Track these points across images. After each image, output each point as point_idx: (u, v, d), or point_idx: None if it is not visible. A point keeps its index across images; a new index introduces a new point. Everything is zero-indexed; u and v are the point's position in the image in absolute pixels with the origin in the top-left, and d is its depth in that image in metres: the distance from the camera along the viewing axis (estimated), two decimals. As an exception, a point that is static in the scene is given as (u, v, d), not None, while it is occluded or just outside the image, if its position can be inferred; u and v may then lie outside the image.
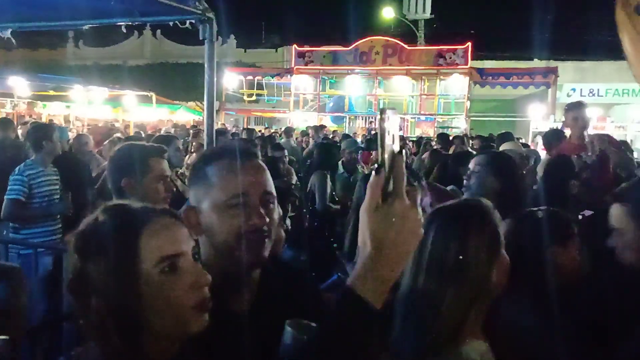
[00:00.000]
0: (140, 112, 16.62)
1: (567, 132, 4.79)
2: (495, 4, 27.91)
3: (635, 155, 9.88)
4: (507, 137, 6.25)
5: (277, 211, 1.28)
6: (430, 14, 25.20)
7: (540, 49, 21.31)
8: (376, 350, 0.91)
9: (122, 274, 0.95)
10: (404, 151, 0.90)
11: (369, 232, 0.87)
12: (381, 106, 16.29)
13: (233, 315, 1.19)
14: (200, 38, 3.83)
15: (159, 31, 27.97)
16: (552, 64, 19.99)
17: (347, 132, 13.86)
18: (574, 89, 20.24)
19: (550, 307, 1.56)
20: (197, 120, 18.73)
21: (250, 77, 21.09)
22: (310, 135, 10.94)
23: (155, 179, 2.37)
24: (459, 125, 17.89)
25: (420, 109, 20.11)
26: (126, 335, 0.96)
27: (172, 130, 11.89)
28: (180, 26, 3.98)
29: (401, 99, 20.61)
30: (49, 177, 4.17)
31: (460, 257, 1.30)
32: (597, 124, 14.88)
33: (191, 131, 8.77)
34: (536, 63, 21.30)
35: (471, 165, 2.63)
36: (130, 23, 3.94)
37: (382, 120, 0.86)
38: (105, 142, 5.92)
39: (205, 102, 3.85)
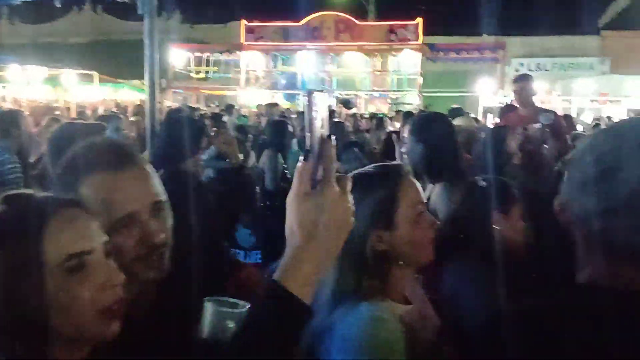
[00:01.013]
0: (82, 91, 15.85)
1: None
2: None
3: (579, 127, 10.24)
4: (457, 112, 6.24)
5: (170, 214, 1.15)
6: (381, -12, 25.00)
7: (488, 25, 21.68)
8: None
9: (24, 272, 0.85)
10: (333, 137, 0.84)
11: (297, 221, 0.82)
12: (333, 88, 16.17)
13: (130, 326, 1.06)
14: (139, 12, 3.66)
15: (99, 7, 26.65)
16: (501, 39, 20.35)
17: (301, 110, 13.63)
18: (521, 64, 20.64)
19: (492, 275, 1.58)
20: (143, 99, 17.97)
21: (198, 54, 20.51)
22: (262, 113, 10.69)
23: None
24: (412, 101, 18.00)
25: (373, 85, 20.07)
26: (30, 341, 0.87)
27: (116, 109, 11.37)
28: (118, 0, 3.82)
29: (354, 76, 20.50)
30: (15, 164, 3.91)
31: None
32: (544, 97, 15.27)
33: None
34: (485, 38, 21.60)
35: (404, 133, 2.65)
36: (63, -5, 3.79)
37: (309, 103, 0.80)
38: (42, 123, 5.53)
39: (146, 80, 3.70)
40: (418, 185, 1.41)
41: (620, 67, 19.23)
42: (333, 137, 0.85)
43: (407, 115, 8.01)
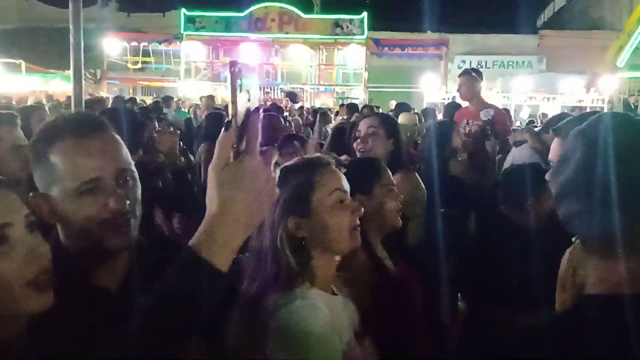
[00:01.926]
0: (7, 81, 14.77)
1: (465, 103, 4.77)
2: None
3: (517, 123, 10.49)
4: (403, 107, 6.37)
5: (138, 185, 1.17)
6: (326, -19, 24.86)
7: (432, 22, 22.06)
8: (217, 314, 0.88)
9: None
10: (261, 110, 0.87)
11: (216, 190, 0.83)
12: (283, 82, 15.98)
13: (101, 294, 1.13)
14: None
15: (28, -8, 25.04)
16: (444, 36, 20.72)
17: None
18: (464, 61, 21.01)
19: None
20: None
21: (135, 44, 19.74)
22: (201, 106, 10.24)
23: (5, 149, 2.25)
24: (358, 95, 18.05)
25: (319, 79, 19.93)
26: None
27: (46, 101, 10.56)
28: None
29: (300, 69, 20.27)
30: None
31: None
32: (485, 93, 15.57)
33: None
34: (429, 35, 21.92)
35: (363, 128, 2.69)
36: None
37: (232, 73, 0.82)
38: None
39: (71, 69, 3.54)
40: (340, 173, 1.43)
41: (556, 65, 19.98)
42: (261, 110, 0.86)
43: (351, 107, 7.97)
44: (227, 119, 0.84)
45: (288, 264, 1.31)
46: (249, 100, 0.84)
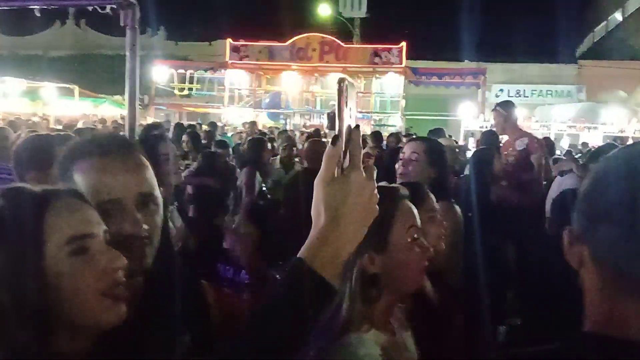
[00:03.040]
0: (61, 105, 15.61)
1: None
2: (428, 6, 28.57)
3: (558, 152, 10.40)
4: (438, 133, 6.39)
5: (160, 213, 1.13)
6: (366, 12, 25.39)
7: (470, 51, 22.13)
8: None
9: (26, 258, 0.86)
10: (360, 126, 0.87)
11: (324, 203, 0.83)
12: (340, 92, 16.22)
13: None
14: (122, 24, 3.69)
15: (83, 20, 26.46)
16: (482, 65, 20.71)
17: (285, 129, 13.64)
18: (502, 90, 21.03)
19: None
20: (125, 114, 17.73)
21: (181, 71, 20.36)
22: (244, 132, 10.66)
23: None
24: (395, 123, 18.15)
25: (357, 106, 20.08)
26: (33, 329, 0.85)
27: (99, 126, 11.19)
28: (100, 11, 3.81)
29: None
30: None
31: None
32: (523, 123, 15.52)
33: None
34: (467, 64, 21.97)
35: (407, 152, 2.63)
36: (45, 7, 3.75)
37: (340, 90, 0.82)
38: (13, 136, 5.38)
39: (126, 94, 3.70)
40: (414, 209, 1.38)
41: (595, 94, 19.71)
42: (360, 126, 0.87)
43: (376, 136, 8.02)
44: (334, 134, 0.84)
45: (354, 302, 1.25)
46: (350, 116, 0.84)
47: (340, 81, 0.83)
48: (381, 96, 20.30)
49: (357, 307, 1.25)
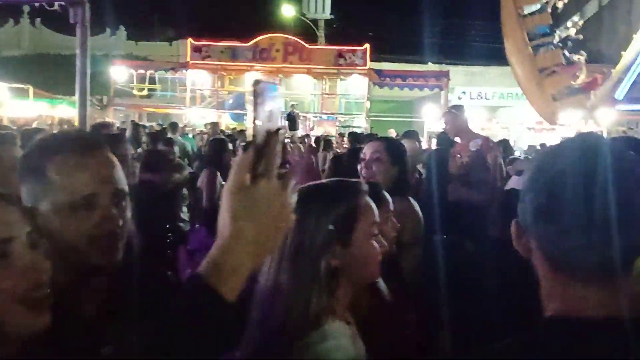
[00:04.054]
0: (15, 106, 15.01)
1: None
2: (392, 8, 28.86)
3: (517, 153, 10.61)
4: (412, 135, 6.45)
5: (129, 208, 1.16)
6: (330, 14, 25.41)
7: (433, 54, 22.44)
8: (225, 343, 0.83)
9: None
10: (281, 131, 0.82)
11: (230, 213, 0.78)
12: (289, 105, 16.27)
13: (81, 320, 1.09)
14: (71, 22, 3.52)
15: (38, 19, 25.61)
16: (445, 68, 21.00)
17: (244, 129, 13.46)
18: (464, 92, 21.34)
19: None
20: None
21: (141, 71, 19.90)
22: (206, 133, 10.46)
23: (5, 167, 2.19)
24: (360, 124, 18.23)
25: (322, 108, 20.18)
26: None
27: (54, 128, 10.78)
28: (48, 8, 3.65)
29: (303, 98, 20.56)
30: None
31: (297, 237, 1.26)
32: (485, 124, 15.78)
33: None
34: (430, 67, 22.24)
35: (367, 153, 2.63)
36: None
37: (254, 92, 0.78)
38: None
39: (77, 93, 3.75)
40: (374, 206, 1.40)
41: (555, 97, 20.16)
42: (281, 130, 0.82)
43: (354, 136, 8.16)
44: (247, 140, 0.80)
45: (322, 295, 1.26)
46: (269, 120, 0.80)
47: (255, 83, 0.79)
48: (346, 98, 20.42)
49: (325, 300, 1.26)
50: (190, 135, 11.99)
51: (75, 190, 1.06)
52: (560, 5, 15.91)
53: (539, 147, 12.95)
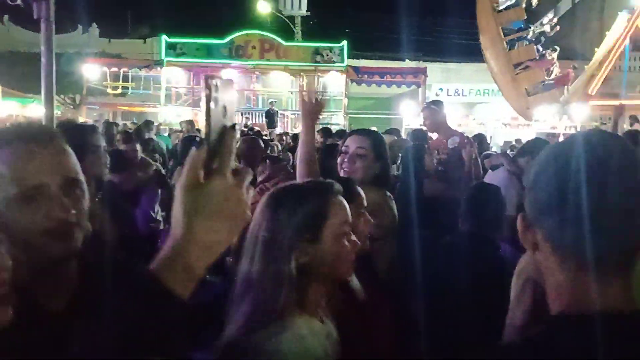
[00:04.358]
0: (-18, 105, 14.57)
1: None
2: (368, 5, 28.88)
3: (494, 149, 10.68)
4: (392, 133, 6.61)
5: (87, 197, 1.13)
6: (307, 11, 25.28)
7: (410, 51, 22.54)
8: (180, 344, 0.82)
9: None
10: (237, 126, 0.83)
11: (182, 211, 0.77)
12: (269, 102, 16.13)
13: (47, 315, 1.07)
14: (35, 17, 3.36)
15: (6, 17, 24.91)
16: (422, 65, 21.07)
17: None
18: (441, 89, 21.44)
19: None
20: (56, 115, 16.92)
21: (115, 69, 19.53)
22: (183, 130, 10.23)
23: None
24: (338, 121, 18.19)
25: (299, 105, 20.00)
26: None
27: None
28: (10, 3, 3.49)
29: (280, 95, 20.43)
30: None
31: (266, 235, 1.30)
32: (461, 121, 15.88)
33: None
34: (407, 64, 22.31)
35: (351, 146, 2.56)
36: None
37: (207, 88, 0.76)
38: None
39: (43, 90, 3.62)
40: (347, 205, 1.43)
41: (529, 92, 20.41)
42: (237, 126, 0.83)
43: (326, 131, 8.04)
44: (201, 137, 0.81)
45: (290, 291, 1.28)
46: (224, 116, 0.79)
47: (207, 78, 0.77)
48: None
49: (292, 295, 1.28)
50: (166, 134, 11.79)
51: (23, 181, 1.04)
52: (534, 1, 16.04)
53: (514, 143, 13.08)
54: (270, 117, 15.18)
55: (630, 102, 15.65)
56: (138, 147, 5.39)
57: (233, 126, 0.80)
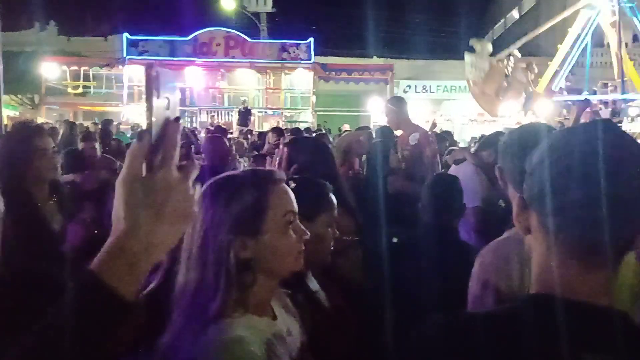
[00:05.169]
0: None
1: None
2: (335, 2, 28.76)
3: (461, 144, 10.74)
4: (362, 129, 6.63)
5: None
6: (272, 7, 24.99)
7: (377, 48, 22.57)
8: (122, 346, 0.80)
9: None
10: (180, 119, 0.80)
11: (124, 206, 0.74)
12: (243, 103, 15.88)
13: None
14: None
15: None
16: (389, 61, 21.12)
17: (190, 127, 13.02)
18: (409, 86, 21.49)
19: None
20: (12, 116, 16.36)
21: (75, 68, 19.03)
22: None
23: None
24: (306, 119, 18.06)
25: (266, 103, 19.83)
26: None
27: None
28: None
29: (247, 93, 20.15)
30: None
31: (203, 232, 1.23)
32: (429, 117, 15.94)
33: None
34: (374, 60, 22.31)
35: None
36: None
37: (147, 77, 0.75)
38: None
39: None
40: (291, 193, 1.33)
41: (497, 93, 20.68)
42: (180, 119, 0.79)
43: (278, 131, 7.93)
44: (142, 129, 0.77)
45: (230, 289, 1.20)
46: (167, 108, 0.76)
47: (148, 67, 0.77)
48: (291, 92, 20.19)
49: (232, 293, 1.20)
50: (128, 135, 11.45)
51: None
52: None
53: (479, 138, 13.18)
54: (243, 116, 14.93)
55: (593, 97, 15.94)
56: (97, 145, 5.27)
57: (177, 119, 0.77)
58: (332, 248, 1.75)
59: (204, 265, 1.21)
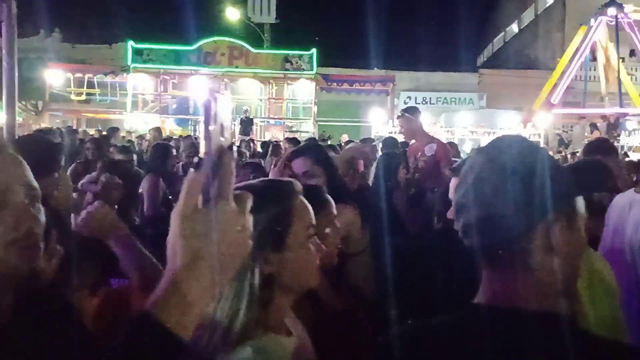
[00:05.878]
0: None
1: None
2: (338, 14, 29.07)
3: (462, 155, 10.87)
4: (366, 141, 6.78)
5: (43, 211, 0.99)
6: (275, 18, 25.24)
7: (378, 59, 22.80)
8: None
9: None
10: (234, 147, 0.52)
11: (181, 240, 0.70)
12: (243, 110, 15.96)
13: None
14: None
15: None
16: (390, 73, 21.36)
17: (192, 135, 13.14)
18: (409, 97, 21.73)
19: None
20: (18, 122, 16.36)
21: (79, 75, 19.11)
22: (149, 138, 10.07)
23: None
24: (308, 129, 18.20)
25: (269, 112, 20.01)
26: None
27: None
28: None
29: (250, 103, 20.33)
30: None
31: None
32: (429, 128, 16.12)
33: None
34: (376, 72, 22.55)
35: (297, 170, 2.48)
36: None
37: (206, 104, 0.69)
38: None
39: (4, 96, 3.54)
40: (309, 206, 1.29)
41: (495, 102, 20.95)
42: (235, 147, 0.66)
43: (293, 141, 8.02)
44: (198, 157, 0.73)
45: (253, 307, 1.14)
46: (222, 134, 0.72)
47: (209, 94, 0.70)
48: (293, 102, 20.35)
49: (255, 312, 1.14)
50: (133, 139, 11.58)
51: None
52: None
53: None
54: (244, 125, 15.09)
55: (591, 111, 16.15)
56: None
57: (230, 146, 0.74)
58: (339, 246, 1.72)
59: (229, 286, 1.14)
